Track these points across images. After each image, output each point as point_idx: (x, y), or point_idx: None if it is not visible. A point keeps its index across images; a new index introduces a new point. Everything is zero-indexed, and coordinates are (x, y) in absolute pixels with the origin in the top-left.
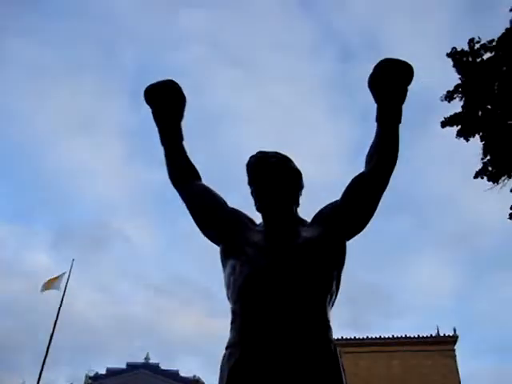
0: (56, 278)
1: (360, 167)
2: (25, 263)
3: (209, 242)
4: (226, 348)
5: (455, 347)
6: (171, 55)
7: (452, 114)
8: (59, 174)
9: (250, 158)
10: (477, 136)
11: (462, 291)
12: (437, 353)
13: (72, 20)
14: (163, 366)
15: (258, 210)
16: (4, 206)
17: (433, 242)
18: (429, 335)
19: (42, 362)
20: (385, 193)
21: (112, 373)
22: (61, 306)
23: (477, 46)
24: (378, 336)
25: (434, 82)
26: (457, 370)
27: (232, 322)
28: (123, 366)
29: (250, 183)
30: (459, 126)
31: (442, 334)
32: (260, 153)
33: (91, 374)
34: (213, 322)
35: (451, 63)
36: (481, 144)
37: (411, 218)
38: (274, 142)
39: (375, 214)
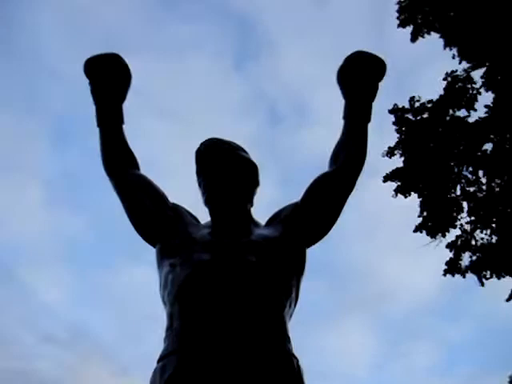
0: None
1: None
2: None
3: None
4: (158, 361)
5: None
6: None
7: (394, 168)
8: None
9: (200, 144)
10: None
11: (378, 360)
12: None
13: None
14: None
15: (206, 202)
16: None
17: (350, 307)
18: None
19: None
20: None
21: None
22: None
23: (417, 104)
24: None
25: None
26: None
27: (167, 329)
28: None
29: (198, 173)
30: (397, 183)
31: None
32: (211, 139)
33: None
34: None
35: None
36: (418, 201)
37: (327, 282)
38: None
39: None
